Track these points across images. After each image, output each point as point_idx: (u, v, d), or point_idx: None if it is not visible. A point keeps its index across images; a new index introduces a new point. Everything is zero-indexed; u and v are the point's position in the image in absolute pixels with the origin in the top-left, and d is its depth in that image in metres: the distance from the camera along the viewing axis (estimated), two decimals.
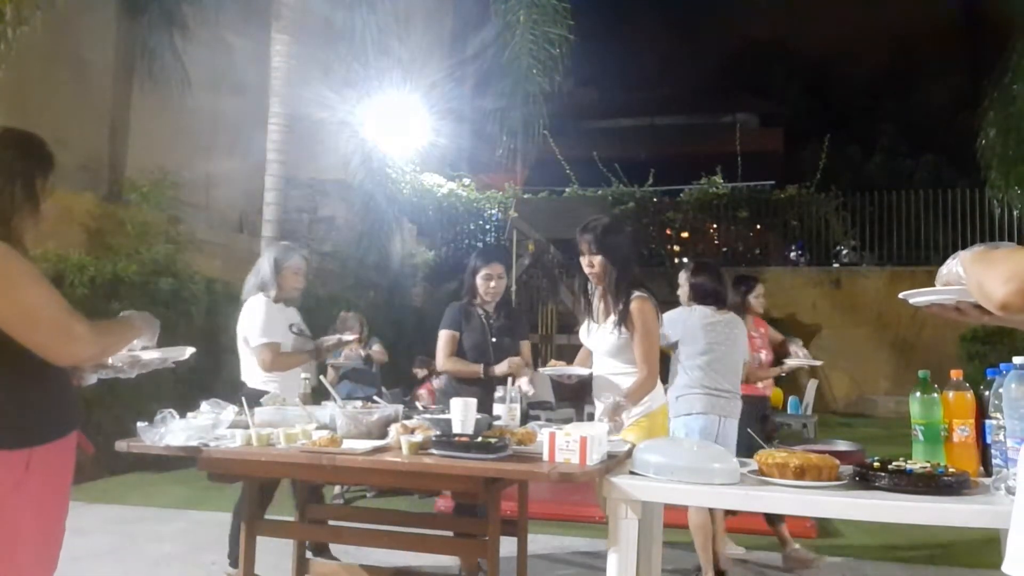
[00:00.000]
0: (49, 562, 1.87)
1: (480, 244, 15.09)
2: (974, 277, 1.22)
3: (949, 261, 1.33)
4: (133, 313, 2.07)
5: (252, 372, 3.77)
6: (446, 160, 15.13)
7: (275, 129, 7.99)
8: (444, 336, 3.71)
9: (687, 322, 3.77)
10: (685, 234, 14.73)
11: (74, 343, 1.79)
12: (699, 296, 3.84)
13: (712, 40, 26.80)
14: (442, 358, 3.70)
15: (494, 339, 3.69)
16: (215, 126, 10.17)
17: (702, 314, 3.76)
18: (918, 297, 1.41)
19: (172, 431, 2.46)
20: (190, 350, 2.21)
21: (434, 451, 2.36)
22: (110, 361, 2.05)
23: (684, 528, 3.98)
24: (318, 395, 3.09)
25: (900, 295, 1.49)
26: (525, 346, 3.80)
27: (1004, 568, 1.23)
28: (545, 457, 2.28)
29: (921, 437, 2.18)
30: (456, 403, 2.61)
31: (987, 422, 2.09)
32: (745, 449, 3.03)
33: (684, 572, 4.03)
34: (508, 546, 2.82)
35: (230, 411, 2.62)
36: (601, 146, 16.38)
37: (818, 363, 4.96)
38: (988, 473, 2.07)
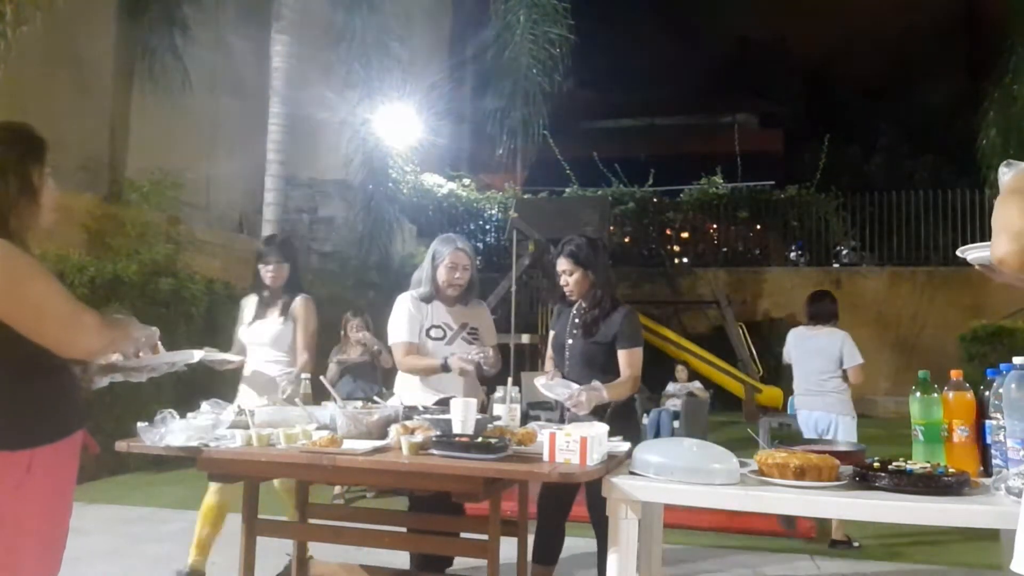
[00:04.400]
0: (52, 564, 1.85)
1: (480, 244, 15.10)
2: (996, 222, 1.24)
3: (1003, 168, 1.44)
4: (127, 318, 2.01)
5: (405, 382, 3.47)
6: (446, 160, 15.15)
7: (275, 129, 7.99)
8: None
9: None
10: (685, 234, 14.76)
11: (84, 334, 1.77)
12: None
13: (712, 40, 26.76)
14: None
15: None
16: (215, 126, 10.18)
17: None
18: (973, 252, 1.52)
19: (172, 431, 2.46)
20: (199, 354, 2.19)
21: (434, 451, 2.36)
22: (119, 361, 2.03)
23: (684, 528, 3.98)
24: (318, 395, 3.09)
25: (958, 251, 1.59)
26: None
27: (1013, 567, 1.23)
28: (545, 457, 2.28)
29: (921, 437, 2.18)
30: (456, 403, 2.61)
31: (987, 422, 2.09)
32: None
33: (686, 572, 4.03)
34: (508, 547, 2.81)
35: (230, 411, 2.63)
36: (601, 146, 16.36)
37: None
38: (988, 473, 2.06)
